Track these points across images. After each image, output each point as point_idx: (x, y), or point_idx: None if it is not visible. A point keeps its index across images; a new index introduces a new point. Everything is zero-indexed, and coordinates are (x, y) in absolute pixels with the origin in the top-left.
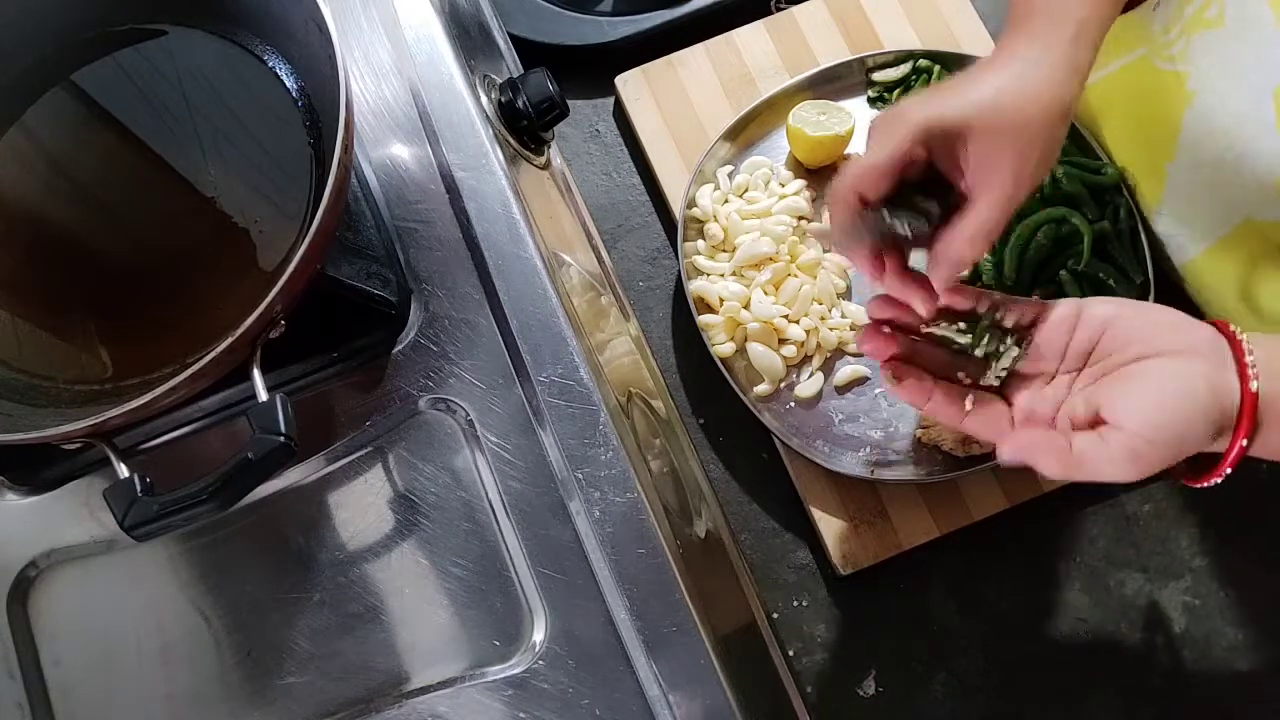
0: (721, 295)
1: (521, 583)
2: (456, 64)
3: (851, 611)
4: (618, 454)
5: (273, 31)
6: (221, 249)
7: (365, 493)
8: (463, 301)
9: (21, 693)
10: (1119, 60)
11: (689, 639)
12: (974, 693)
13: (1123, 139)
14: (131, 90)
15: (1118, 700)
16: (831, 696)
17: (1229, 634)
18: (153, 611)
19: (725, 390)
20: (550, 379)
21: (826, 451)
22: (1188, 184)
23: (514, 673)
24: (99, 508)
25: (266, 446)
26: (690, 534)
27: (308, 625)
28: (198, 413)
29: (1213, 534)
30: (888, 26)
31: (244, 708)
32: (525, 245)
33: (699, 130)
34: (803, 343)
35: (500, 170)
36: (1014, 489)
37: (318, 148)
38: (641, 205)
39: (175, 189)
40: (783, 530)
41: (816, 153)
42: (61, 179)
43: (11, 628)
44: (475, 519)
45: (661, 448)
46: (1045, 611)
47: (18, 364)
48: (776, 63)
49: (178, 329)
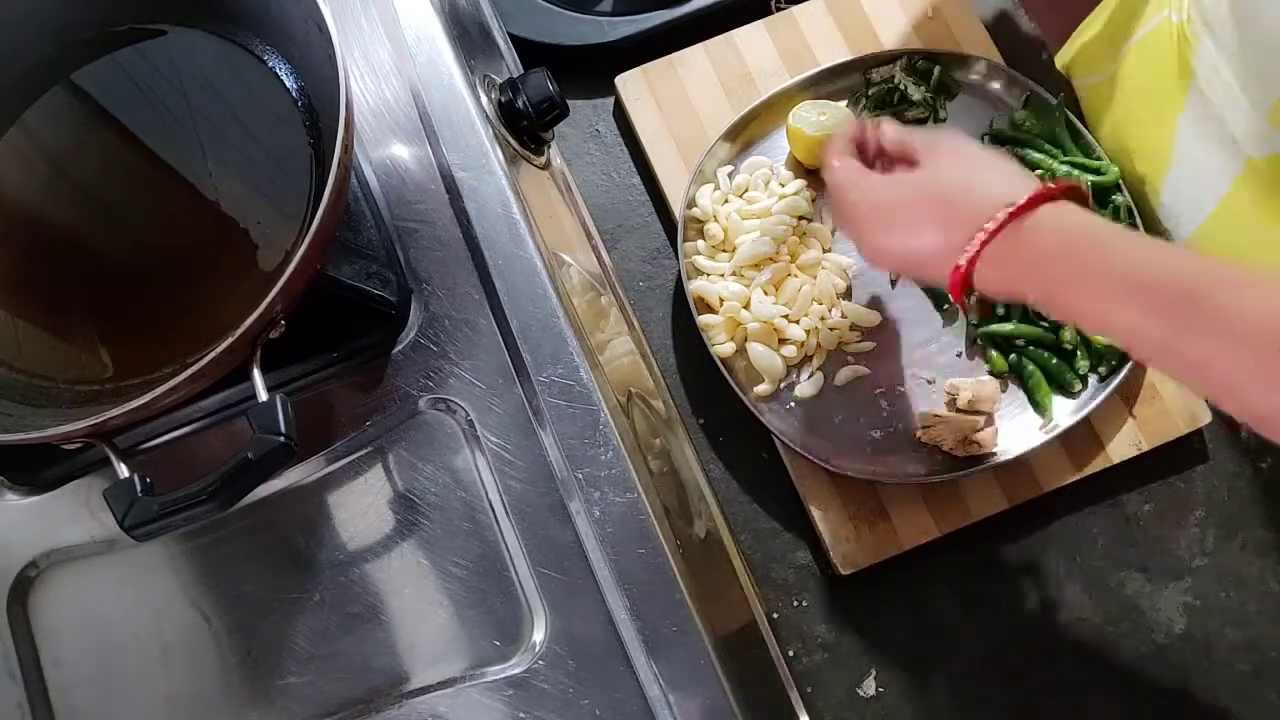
0: (721, 295)
1: (521, 583)
2: (456, 64)
3: (851, 611)
4: (618, 454)
5: (273, 31)
6: (221, 249)
7: (365, 493)
8: (463, 301)
9: (21, 693)
10: (1145, 27)
11: (689, 639)
12: (974, 692)
13: (1137, 110)
14: (131, 90)
15: (1118, 700)
16: (831, 696)
17: (1229, 634)
18: (153, 611)
19: (725, 390)
20: (550, 379)
21: (826, 452)
22: (1196, 137)
23: (514, 673)
24: (99, 508)
25: (266, 446)
26: (690, 534)
27: (308, 625)
28: (198, 413)
29: (1213, 534)
30: (888, 26)
31: (244, 708)
32: (525, 245)
33: (699, 130)
34: (803, 343)
35: (500, 170)
36: (1014, 489)
37: (318, 148)
38: (641, 205)
39: (175, 189)
40: (783, 530)
41: (816, 153)
42: (61, 179)
43: (11, 628)
44: (475, 519)
45: (661, 448)
46: (1045, 611)
47: (18, 364)
48: (776, 63)
49: (178, 329)
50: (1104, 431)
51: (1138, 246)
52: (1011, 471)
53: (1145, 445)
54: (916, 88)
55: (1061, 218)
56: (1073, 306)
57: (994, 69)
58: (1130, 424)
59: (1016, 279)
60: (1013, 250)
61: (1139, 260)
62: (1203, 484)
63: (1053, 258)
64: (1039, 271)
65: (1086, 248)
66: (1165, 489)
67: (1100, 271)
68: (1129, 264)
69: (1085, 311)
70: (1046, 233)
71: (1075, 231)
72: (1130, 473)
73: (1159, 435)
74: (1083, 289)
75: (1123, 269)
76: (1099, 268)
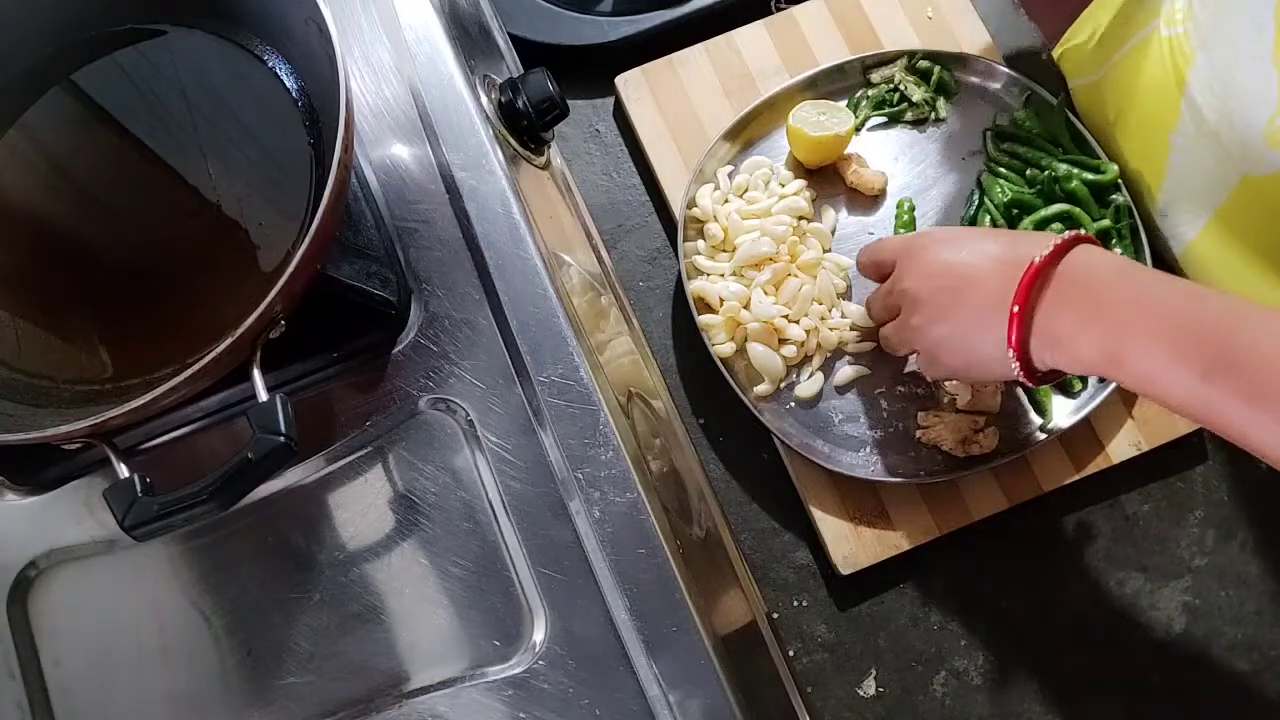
0: (721, 295)
1: (521, 583)
2: (456, 64)
3: (851, 611)
4: (618, 454)
5: (273, 31)
6: (221, 249)
7: (365, 493)
8: (463, 301)
9: (21, 693)
10: (1134, 38)
11: (689, 639)
12: (974, 693)
13: (1132, 124)
14: (131, 90)
15: (1118, 700)
16: (831, 696)
17: (1229, 634)
18: (153, 611)
19: (725, 390)
20: (550, 379)
21: (826, 451)
22: (1191, 150)
23: (514, 673)
24: (99, 508)
25: (266, 446)
26: (690, 534)
27: (308, 625)
28: (198, 413)
29: (1213, 534)
30: (888, 26)
31: (244, 708)
32: (525, 245)
33: (699, 130)
34: (803, 343)
35: (500, 170)
36: (1014, 489)
37: (318, 148)
38: (641, 205)
39: (175, 189)
40: (783, 530)
41: (816, 153)
42: (61, 179)
43: (11, 628)
44: (475, 519)
45: (661, 448)
46: (1045, 611)
47: (18, 364)
48: (776, 63)
49: (178, 329)
50: (1104, 431)
51: (1169, 280)
52: (1011, 471)
53: (1145, 445)
54: (916, 88)
55: (1092, 255)
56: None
57: (994, 69)
58: (1130, 424)
59: (1075, 330)
60: (1057, 299)
61: (1176, 296)
62: (1202, 484)
63: (1100, 291)
64: (1091, 311)
65: (1121, 275)
66: (1165, 489)
67: (1136, 298)
68: (1167, 299)
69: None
70: (1085, 268)
71: (1111, 262)
72: (1130, 473)
73: (1159, 435)
74: (1138, 320)
75: (1160, 301)
76: (1135, 294)
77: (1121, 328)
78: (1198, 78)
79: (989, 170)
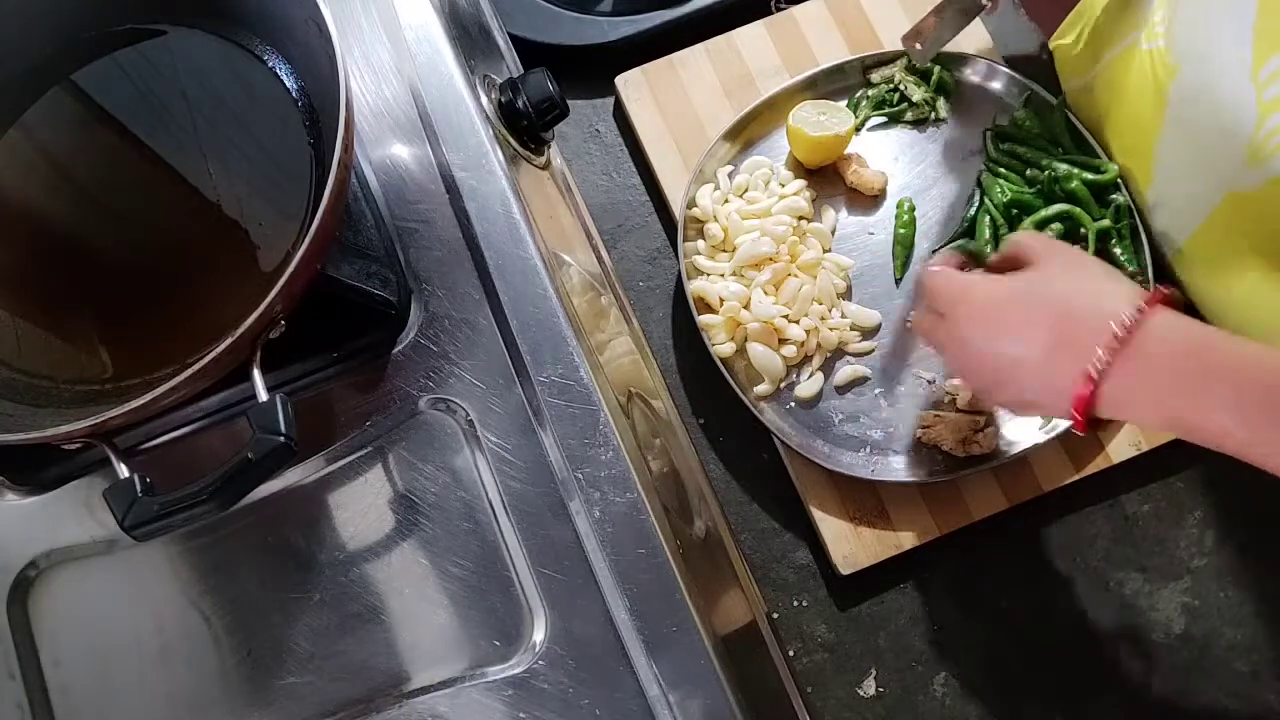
0: (721, 295)
1: (521, 583)
2: (456, 64)
3: (851, 611)
4: (618, 454)
5: (273, 31)
6: (221, 249)
7: (365, 493)
8: (463, 301)
9: (21, 693)
10: (1116, 47)
11: (689, 639)
12: (974, 693)
13: (1119, 126)
14: (131, 90)
15: (1117, 700)
16: (831, 696)
17: (1229, 634)
18: (153, 611)
19: (725, 390)
20: (550, 379)
21: (826, 451)
22: (1175, 164)
23: (514, 673)
24: (99, 508)
25: (266, 446)
26: (690, 534)
27: (308, 625)
28: (198, 413)
29: (1213, 534)
30: (888, 26)
31: (244, 708)
32: (525, 245)
33: (699, 130)
34: (803, 343)
35: (500, 170)
36: (1014, 489)
37: (318, 148)
38: (641, 205)
39: (175, 189)
40: (783, 530)
41: (816, 153)
42: (61, 179)
43: (11, 628)
44: (475, 519)
45: (661, 448)
46: (1045, 611)
47: (18, 364)
48: (776, 63)
49: (178, 329)
50: (1104, 431)
51: (1248, 346)
52: (1011, 471)
53: (1145, 445)
54: (916, 88)
55: (1171, 326)
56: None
57: (994, 69)
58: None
59: (1141, 394)
60: (1130, 363)
61: (1250, 358)
62: (1202, 484)
63: (1174, 364)
64: (1165, 388)
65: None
66: (1164, 489)
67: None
68: (1241, 363)
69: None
70: (1161, 340)
71: (1190, 334)
72: (1130, 473)
73: (1159, 435)
74: (1207, 394)
75: (1235, 368)
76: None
77: (1193, 400)
78: (1178, 91)
79: (989, 170)
